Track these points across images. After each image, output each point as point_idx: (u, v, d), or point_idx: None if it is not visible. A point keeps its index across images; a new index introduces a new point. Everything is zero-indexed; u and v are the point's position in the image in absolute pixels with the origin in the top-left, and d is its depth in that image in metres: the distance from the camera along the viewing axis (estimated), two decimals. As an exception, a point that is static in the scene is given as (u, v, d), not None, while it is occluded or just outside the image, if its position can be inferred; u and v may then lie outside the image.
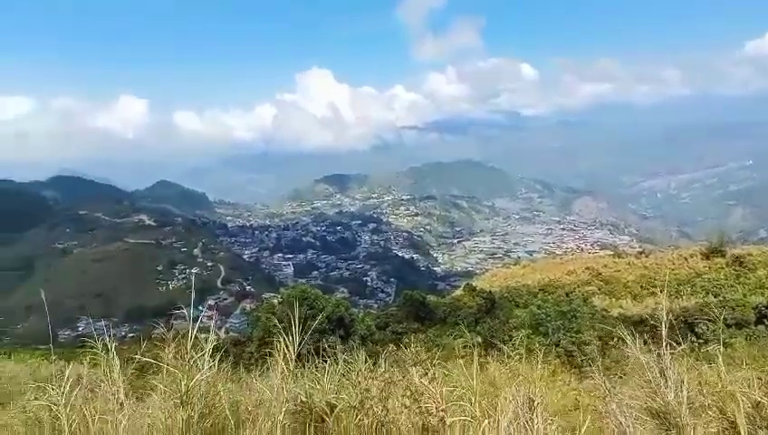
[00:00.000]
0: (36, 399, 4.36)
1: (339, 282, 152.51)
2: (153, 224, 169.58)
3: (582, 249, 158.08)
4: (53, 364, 11.28)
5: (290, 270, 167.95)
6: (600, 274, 44.81)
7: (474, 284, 46.24)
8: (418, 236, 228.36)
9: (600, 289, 41.50)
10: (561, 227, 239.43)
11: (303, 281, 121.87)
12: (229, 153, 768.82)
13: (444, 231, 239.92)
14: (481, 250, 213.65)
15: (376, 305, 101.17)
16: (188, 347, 2.91)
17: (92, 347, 4.02)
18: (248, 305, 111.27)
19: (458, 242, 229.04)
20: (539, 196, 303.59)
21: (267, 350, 4.08)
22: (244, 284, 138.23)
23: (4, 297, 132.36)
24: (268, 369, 5.47)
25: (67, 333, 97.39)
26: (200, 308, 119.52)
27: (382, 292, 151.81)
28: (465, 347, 6.53)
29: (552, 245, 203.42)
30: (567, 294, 38.24)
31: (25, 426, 4.11)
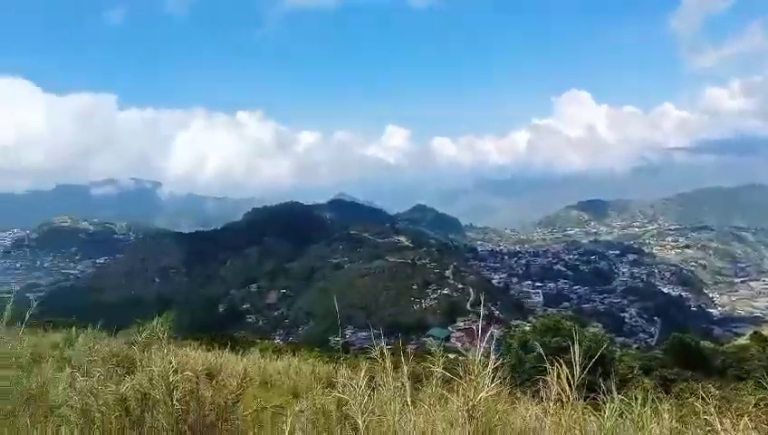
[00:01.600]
0: (324, 394, 4.90)
1: (592, 315, 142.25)
2: (410, 245, 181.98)
3: None
4: (335, 364, 12.69)
5: (539, 298, 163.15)
6: None
7: (765, 332, 38.68)
8: (689, 271, 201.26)
9: None
10: None
11: (554, 311, 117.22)
12: (481, 178, 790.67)
13: (722, 267, 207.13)
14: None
15: (635, 346, 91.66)
16: (476, 363, 2.93)
17: (369, 353, 4.34)
18: (496, 331, 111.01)
19: (742, 281, 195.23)
20: None
21: (537, 377, 3.92)
22: (493, 308, 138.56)
23: (291, 302, 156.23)
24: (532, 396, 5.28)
25: (336, 339, 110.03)
26: (450, 329, 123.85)
27: (643, 331, 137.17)
28: (758, 406, 5.36)
29: None
30: None
31: (315, 416, 4.57)
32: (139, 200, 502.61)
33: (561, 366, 3.24)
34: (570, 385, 3.00)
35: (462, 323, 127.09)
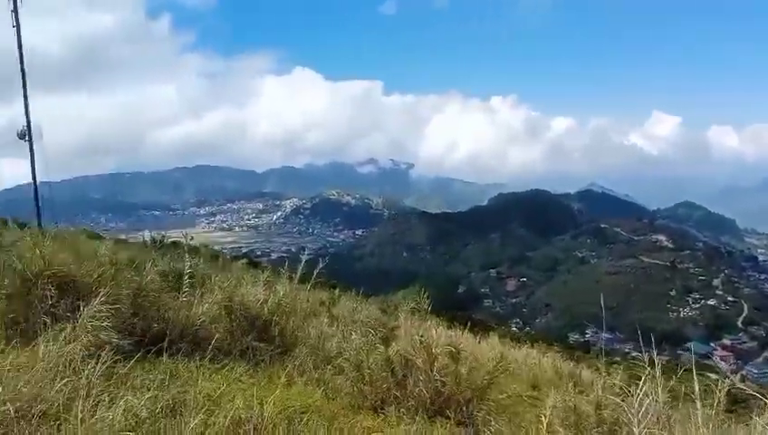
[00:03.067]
0: (578, 393, 4.65)
1: None
2: (670, 245, 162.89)
3: None
4: (575, 362, 12.12)
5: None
6: None
7: None
8: None
9: None
10: None
11: None
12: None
13: None
14: None
15: None
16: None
17: (614, 356, 3.97)
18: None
19: None
20: None
21: None
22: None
23: (531, 292, 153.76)
24: None
25: (576, 336, 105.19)
26: (712, 345, 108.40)
27: None
28: None
29: None
30: None
31: (565, 412, 4.36)
32: (394, 179, 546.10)
33: None
34: None
35: (728, 341, 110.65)
